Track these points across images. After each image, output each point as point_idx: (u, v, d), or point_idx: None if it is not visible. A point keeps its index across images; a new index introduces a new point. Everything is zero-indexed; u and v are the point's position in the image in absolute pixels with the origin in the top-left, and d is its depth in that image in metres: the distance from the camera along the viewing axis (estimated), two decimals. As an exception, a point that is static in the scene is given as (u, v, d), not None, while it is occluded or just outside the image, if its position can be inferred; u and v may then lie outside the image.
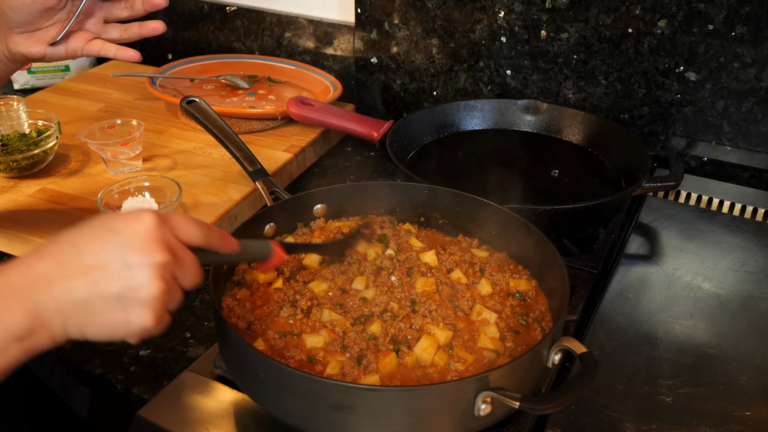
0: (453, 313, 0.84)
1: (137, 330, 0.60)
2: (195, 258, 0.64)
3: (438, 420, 0.68)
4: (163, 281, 0.59)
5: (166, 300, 0.60)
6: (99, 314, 0.58)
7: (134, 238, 0.59)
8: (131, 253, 0.58)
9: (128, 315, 0.59)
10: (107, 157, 1.21)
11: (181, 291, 0.63)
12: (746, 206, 1.21)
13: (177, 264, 0.61)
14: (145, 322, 0.59)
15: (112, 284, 0.58)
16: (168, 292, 0.60)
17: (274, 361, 0.68)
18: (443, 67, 1.46)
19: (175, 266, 0.61)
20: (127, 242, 0.58)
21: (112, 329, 0.59)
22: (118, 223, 0.60)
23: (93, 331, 0.59)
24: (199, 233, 0.65)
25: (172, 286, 0.61)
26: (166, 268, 0.59)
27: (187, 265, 0.62)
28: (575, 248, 1.08)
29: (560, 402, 0.66)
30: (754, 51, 1.19)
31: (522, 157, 1.31)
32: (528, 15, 1.33)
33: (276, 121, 1.41)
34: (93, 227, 0.60)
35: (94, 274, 0.57)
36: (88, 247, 0.59)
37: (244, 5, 1.65)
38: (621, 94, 1.33)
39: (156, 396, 0.81)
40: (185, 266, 0.62)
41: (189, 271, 0.63)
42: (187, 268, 0.63)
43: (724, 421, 0.77)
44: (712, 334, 0.91)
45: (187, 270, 0.63)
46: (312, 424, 0.70)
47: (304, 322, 0.82)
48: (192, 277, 0.63)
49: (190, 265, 0.63)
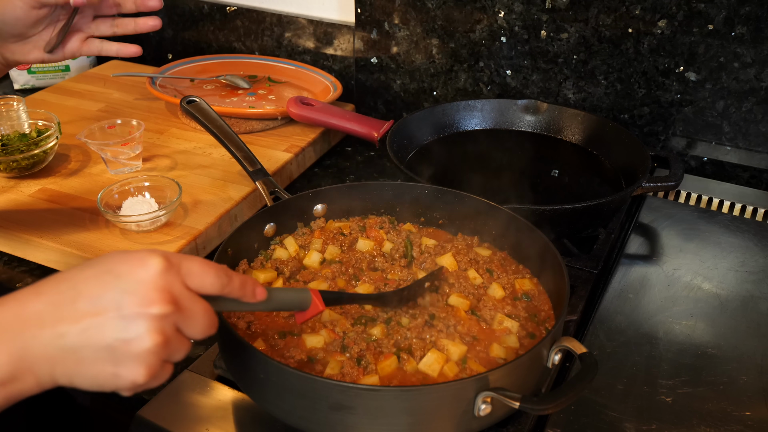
0: (477, 325, 0.83)
1: (127, 384, 0.55)
2: (206, 308, 0.58)
3: (438, 420, 0.68)
4: (160, 335, 0.54)
5: (164, 354, 0.55)
6: (88, 364, 0.54)
7: (135, 285, 0.54)
8: (128, 301, 0.53)
9: (118, 368, 0.54)
10: (107, 157, 1.21)
11: (188, 342, 0.58)
12: (746, 206, 1.21)
13: (182, 315, 0.56)
14: (136, 377, 0.54)
15: (103, 334, 0.53)
16: (165, 345, 0.55)
17: (274, 361, 0.68)
18: (443, 67, 1.46)
19: (179, 318, 0.56)
20: (127, 289, 0.54)
21: (101, 381, 0.55)
22: (122, 266, 0.55)
23: (82, 381, 0.55)
24: (214, 282, 0.59)
25: (172, 339, 0.56)
26: (166, 320, 0.55)
27: (194, 316, 0.57)
28: (575, 248, 1.08)
29: (560, 402, 0.66)
30: (754, 51, 1.19)
31: (522, 157, 1.31)
32: (528, 15, 1.33)
33: (276, 121, 1.41)
34: (96, 267, 0.56)
35: (86, 320, 0.53)
36: (87, 290, 0.54)
37: (244, 5, 1.65)
38: (621, 94, 1.33)
39: (156, 396, 0.81)
40: (192, 317, 0.57)
41: (197, 323, 0.57)
42: (195, 319, 0.57)
43: (724, 421, 0.77)
44: (712, 334, 0.91)
45: (195, 321, 0.57)
46: (312, 424, 0.70)
47: (304, 322, 0.82)
48: (201, 329, 0.58)
49: (198, 316, 0.57)
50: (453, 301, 0.86)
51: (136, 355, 0.54)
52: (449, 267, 0.92)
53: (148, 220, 1.04)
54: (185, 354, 0.58)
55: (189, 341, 0.58)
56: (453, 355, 0.77)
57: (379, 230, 0.99)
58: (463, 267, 0.92)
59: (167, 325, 0.55)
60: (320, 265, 0.93)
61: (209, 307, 0.58)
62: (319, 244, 0.96)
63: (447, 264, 0.92)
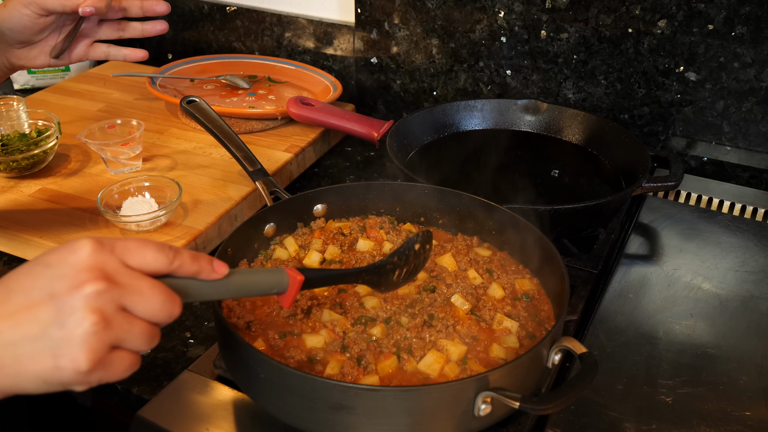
0: (476, 325, 0.83)
1: (71, 374, 0.51)
2: (154, 283, 0.55)
3: (438, 420, 0.68)
4: (95, 313, 0.50)
5: (108, 336, 0.51)
6: (27, 361, 0.50)
7: (65, 269, 0.51)
8: (59, 286, 0.51)
9: (58, 359, 0.50)
10: (107, 157, 1.21)
11: (141, 323, 0.54)
12: (746, 206, 1.21)
13: (122, 292, 0.52)
14: (78, 364, 0.50)
15: (38, 324, 0.50)
16: (106, 325, 0.51)
17: (274, 361, 0.68)
18: (443, 67, 1.46)
19: (120, 295, 0.52)
20: (57, 275, 0.51)
21: (45, 377, 0.51)
22: (52, 255, 0.53)
23: (27, 383, 0.51)
24: (157, 255, 0.56)
25: (113, 318, 0.52)
26: (102, 298, 0.51)
27: (140, 292, 0.53)
28: (575, 248, 1.08)
29: (560, 402, 0.66)
30: (754, 51, 1.19)
31: (522, 157, 1.31)
32: (528, 15, 1.33)
33: (276, 121, 1.41)
34: (28, 264, 0.54)
35: (20, 314, 0.50)
36: (18, 285, 0.52)
37: (244, 5, 1.65)
38: (621, 94, 1.33)
39: (156, 396, 0.81)
40: (138, 294, 0.53)
41: (147, 300, 0.54)
42: (142, 296, 0.53)
43: (724, 421, 0.77)
44: (712, 334, 0.91)
45: (144, 299, 0.53)
46: (312, 424, 0.70)
47: (304, 322, 0.82)
48: (153, 306, 0.54)
49: (146, 293, 0.54)
50: (453, 301, 0.86)
51: (74, 341, 0.50)
52: (449, 267, 0.92)
53: (148, 220, 1.04)
54: (144, 338, 0.54)
55: (144, 322, 0.54)
56: (453, 356, 0.77)
57: (379, 230, 0.99)
58: (463, 267, 0.92)
59: (104, 303, 0.51)
60: (320, 265, 0.93)
61: (158, 284, 0.55)
62: (319, 244, 0.96)
63: (447, 264, 0.92)
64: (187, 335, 0.94)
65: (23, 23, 0.89)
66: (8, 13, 0.89)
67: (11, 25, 0.89)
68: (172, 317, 0.56)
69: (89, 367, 0.51)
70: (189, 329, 0.95)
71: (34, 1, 0.88)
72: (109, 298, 0.52)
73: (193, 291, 0.59)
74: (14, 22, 0.89)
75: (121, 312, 0.53)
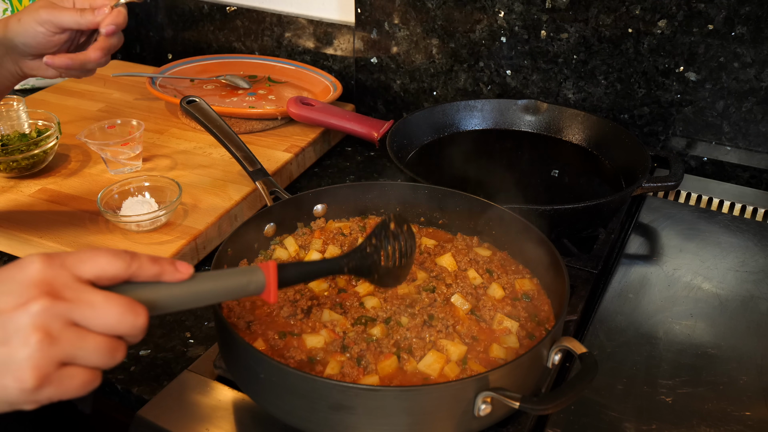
0: (476, 325, 0.83)
1: (16, 393, 0.49)
2: (110, 295, 0.53)
3: (438, 420, 0.68)
4: (40, 331, 0.49)
5: (55, 352, 0.50)
6: None
7: (11, 286, 0.50)
8: (4, 303, 0.49)
9: (2, 377, 0.49)
10: (107, 157, 1.21)
11: (101, 339, 0.52)
12: (746, 206, 1.21)
13: (71, 306, 0.51)
14: (23, 383, 0.49)
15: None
16: (52, 342, 0.49)
17: (274, 361, 0.68)
18: (443, 67, 1.46)
19: (69, 310, 0.51)
20: (4, 291, 0.50)
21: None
22: (0, 273, 0.52)
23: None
24: (112, 261, 0.54)
25: (61, 334, 0.50)
26: (48, 314, 0.49)
27: (92, 304, 0.52)
28: (575, 248, 1.08)
29: (560, 402, 0.66)
30: (754, 51, 1.19)
31: (522, 157, 1.31)
32: (528, 15, 1.33)
33: (276, 121, 1.41)
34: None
35: None
36: None
37: (244, 5, 1.65)
38: (621, 94, 1.33)
39: (156, 396, 0.81)
40: (89, 306, 0.51)
41: (100, 312, 0.52)
42: (95, 308, 0.52)
43: (724, 421, 0.77)
44: (712, 334, 0.91)
45: (97, 311, 0.52)
46: (312, 424, 0.70)
47: (304, 322, 0.82)
48: (109, 318, 0.52)
49: (99, 305, 0.52)
50: (453, 301, 0.86)
51: (18, 359, 0.49)
52: (449, 267, 0.92)
53: (148, 220, 1.04)
54: (102, 353, 0.52)
55: (100, 336, 0.52)
56: (453, 356, 0.77)
57: (379, 230, 0.99)
58: (463, 267, 0.92)
59: (50, 320, 0.50)
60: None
61: (113, 295, 0.53)
62: (319, 244, 0.96)
63: (447, 264, 0.92)
64: (187, 335, 0.94)
65: (37, 40, 0.89)
66: (23, 28, 0.88)
67: (25, 39, 0.89)
68: (136, 328, 0.53)
69: (35, 385, 0.49)
70: (189, 329, 0.95)
71: (49, 20, 0.88)
72: (56, 314, 0.50)
73: (162, 298, 0.57)
74: (28, 38, 0.88)
75: (70, 328, 0.51)
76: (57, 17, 0.88)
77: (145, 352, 0.90)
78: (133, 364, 0.88)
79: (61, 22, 0.88)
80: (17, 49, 0.90)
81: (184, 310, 0.60)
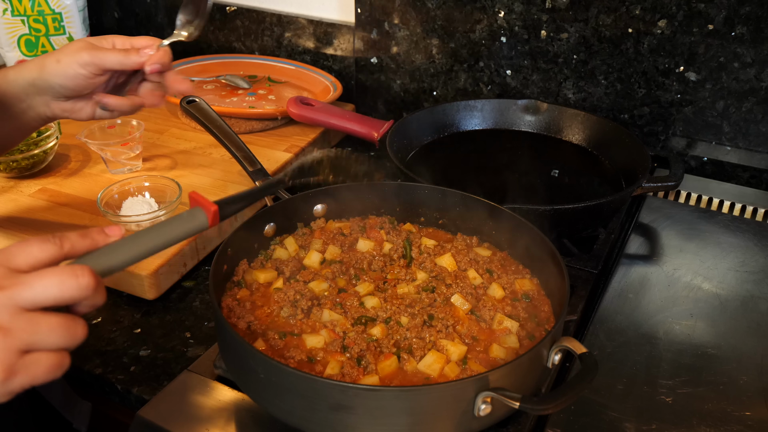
0: (476, 325, 0.83)
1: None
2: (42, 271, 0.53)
3: (438, 420, 0.68)
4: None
5: (14, 342, 0.50)
6: None
7: None
8: None
9: None
10: (107, 157, 1.21)
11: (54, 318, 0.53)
12: (746, 206, 1.21)
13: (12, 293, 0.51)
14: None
15: None
16: (7, 333, 0.50)
17: (274, 361, 0.68)
18: (443, 67, 1.46)
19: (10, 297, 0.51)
20: None
21: None
22: None
23: None
24: (43, 247, 0.55)
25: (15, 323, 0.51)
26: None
27: (28, 284, 0.52)
28: (575, 248, 1.08)
29: (560, 402, 0.66)
30: (754, 51, 1.19)
31: (522, 157, 1.31)
32: (528, 15, 1.33)
33: (276, 121, 1.41)
34: None
35: None
36: None
37: (244, 5, 1.65)
38: (621, 94, 1.33)
39: (156, 396, 0.81)
40: (27, 286, 0.52)
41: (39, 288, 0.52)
42: (32, 286, 0.52)
43: (724, 421, 0.77)
44: (712, 334, 0.91)
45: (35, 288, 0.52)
46: (312, 424, 0.70)
47: (304, 322, 0.82)
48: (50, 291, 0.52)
49: (35, 282, 0.52)
50: (453, 301, 0.86)
51: None
52: (449, 267, 0.92)
53: (148, 220, 1.04)
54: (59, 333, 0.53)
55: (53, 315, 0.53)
56: (453, 356, 0.77)
57: (379, 230, 0.99)
58: (462, 267, 0.92)
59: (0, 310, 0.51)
60: (320, 265, 0.93)
61: (46, 269, 0.54)
62: (320, 244, 0.96)
63: (447, 264, 0.92)
64: (187, 335, 0.94)
65: (77, 82, 0.87)
66: (62, 70, 0.86)
67: (63, 81, 0.86)
68: (82, 288, 0.54)
69: (1, 378, 0.50)
70: (189, 329, 0.95)
71: (92, 62, 0.86)
72: (3, 304, 0.51)
73: (106, 261, 0.58)
74: (67, 80, 0.86)
75: (20, 315, 0.51)
76: (101, 59, 0.86)
77: (145, 352, 0.90)
78: (133, 364, 0.89)
79: (104, 63, 0.86)
80: (52, 90, 0.87)
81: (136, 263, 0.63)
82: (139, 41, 0.89)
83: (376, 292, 0.87)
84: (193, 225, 0.67)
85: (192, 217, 0.67)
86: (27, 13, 1.53)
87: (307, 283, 0.88)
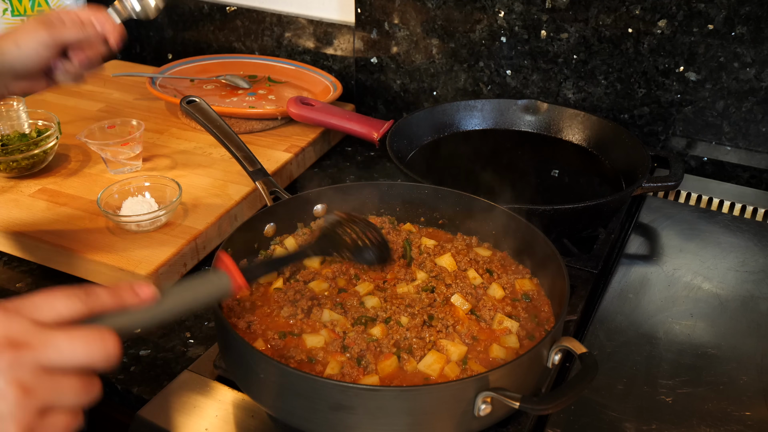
0: (476, 325, 0.83)
1: None
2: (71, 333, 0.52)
3: (438, 420, 0.68)
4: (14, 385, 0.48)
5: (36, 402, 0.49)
6: None
7: None
8: None
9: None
10: (107, 157, 1.21)
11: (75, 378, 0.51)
12: (746, 206, 1.21)
13: (37, 353, 0.50)
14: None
15: None
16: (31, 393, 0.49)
17: (274, 361, 0.68)
18: (443, 67, 1.46)
19: (35, 356, 0.50)
20: None
21: None
22: None
23: None
24: (68, 302, 0.53)
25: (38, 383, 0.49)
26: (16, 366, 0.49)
27: (56, 345, 0.50)
28: (575, 248, 1.08)
29: (560, 402, 0.66)
30: (754, 51, 1.19)
31: (522, 157, 1.31)
32: (528, 15, 1.33)
33: (276, 121, 1.41)
34: None
35: None
36: None
37: (244, 5, 1.65)
38: (621, 94, 1.33)
39: (156, 396, 0.81)
40: (54, 348, 0.50)
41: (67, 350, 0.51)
42: (60, 348, 0.50)
43: (724, 421, 0.77)
44: (712, 334, 0.91)
45: (63, 351, 0.51)
46: (312, 424, 0.70)
47: (304, 322, 0.82)
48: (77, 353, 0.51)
49: (64, 343, 0.51)
50: (453, 301, 0.86)
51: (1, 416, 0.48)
52: (449, 267, 0.92)
53: (147, 220, 1.04)
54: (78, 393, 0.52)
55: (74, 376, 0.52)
56: (453, 356, 0.77)
57: (379, 230, 0.99)
58: (462, 267, 0.92)
59: (20, 372, 0.49)
60: (320, 265, 0.93)
61: (75, 330, 0.52)
62: (319, 244, 0.96)
63: (447, 264, 0.92)
64: (187, 335, 0.94)
65: (40, 60, 0.89)
66: (24, 53, 0.88)
67: (26, 62, 0.89)
68: (110, 356, 0.52)
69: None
70: (189, 329, 0.95)
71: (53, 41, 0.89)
72: (24, 364, 0.49)
73: (128, 321, 0.57)
74: (29, 61, 0.89)
75: (43, 374, 0.50)
76: (62, 35, 0.89)
77: (145, 352, 0.90)
78: (133, 364, 0.89)
79: (65, 39, 0.90)
80: (13, 72, 0.90)
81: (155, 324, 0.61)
82: (84, 14, 0.92)
83: (376, 291, 0.87)
84: (219, 292, 0.67)
85: (218, 280, 0.66)
86: (27, 13, 1.54)
87: (307, 283, 0.88)
